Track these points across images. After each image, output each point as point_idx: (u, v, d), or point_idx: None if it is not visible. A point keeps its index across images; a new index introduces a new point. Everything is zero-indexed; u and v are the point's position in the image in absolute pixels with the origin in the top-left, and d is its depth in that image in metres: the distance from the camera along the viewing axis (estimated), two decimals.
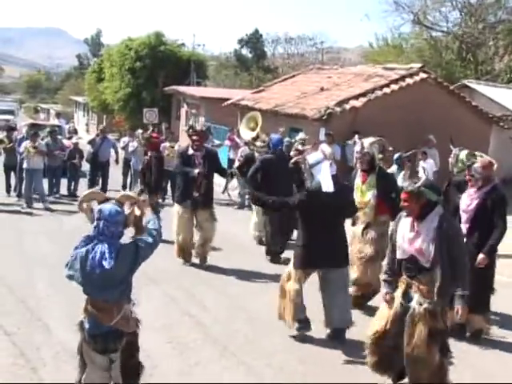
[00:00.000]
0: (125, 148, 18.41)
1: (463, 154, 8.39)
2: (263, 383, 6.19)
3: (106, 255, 4.70)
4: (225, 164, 19.23)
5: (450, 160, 8.66)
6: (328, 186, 7.01)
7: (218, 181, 19.46)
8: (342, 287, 7.32)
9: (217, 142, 18.49)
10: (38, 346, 6.78)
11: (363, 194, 8.30)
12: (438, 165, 15.66)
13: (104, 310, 4.84)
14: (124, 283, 4.92)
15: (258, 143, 12.78)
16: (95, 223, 4.88)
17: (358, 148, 8.47)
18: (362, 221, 8.38)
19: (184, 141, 19.23)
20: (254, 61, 57.29)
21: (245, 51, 60.57)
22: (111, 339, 4.90)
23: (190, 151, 10.33)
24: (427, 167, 13.73)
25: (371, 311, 7.50)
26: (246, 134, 13.78)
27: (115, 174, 18.25)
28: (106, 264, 4.67)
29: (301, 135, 14.72)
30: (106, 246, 4.76)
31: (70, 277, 5.01)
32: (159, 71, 37.20)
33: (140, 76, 37.45)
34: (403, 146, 14.61)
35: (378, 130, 15.96)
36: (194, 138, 10.30)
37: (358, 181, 8.41)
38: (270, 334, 7.43)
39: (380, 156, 8.70)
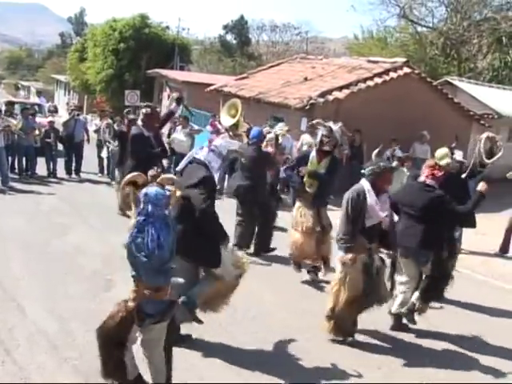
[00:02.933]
0: (98, 131, 18.14)
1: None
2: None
3: (161, 238, 4.82)
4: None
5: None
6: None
7: None
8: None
9: (196, 126, 18.40)
10: (11, 327, 6.71)
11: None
12: None
13: (159, 289, 4.98)
14: (172, 259, 5.02)
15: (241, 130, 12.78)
16: (142, 206, 4.92)
17: (325, 132, 9.01)
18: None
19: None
20: (239, 47, 57.15)
21: (229, 37, 60.42)
22: (168, 311, 5.09)
23: (146, 133, 10.20)
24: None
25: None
26: (227, 120, 13.71)
27: (89, 156, 18.11)
28: (164, 247, 4.82)
29: (280, 125, 14.78)
30: (158, 228, 4.85)
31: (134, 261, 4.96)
32: (143, 53, 36.99)
33: (123, 57, 37.24)
34: (384, 140, 14.64)
35: (359, 123, 16.10)
36: (144, 119, 10.20)
37: (313, 160, 9.05)
38: (244, 322, 7.47)
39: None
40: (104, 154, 17.63)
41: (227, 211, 12.96)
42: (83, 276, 8.63)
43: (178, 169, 6.70)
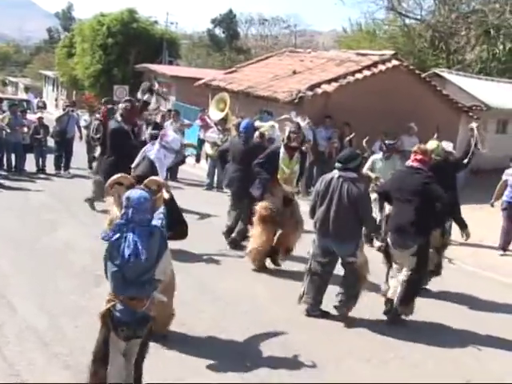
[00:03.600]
0: (88, 127, 18.10)
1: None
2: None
3: (139, 245, 4.62)
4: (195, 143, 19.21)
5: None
6: None
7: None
8: None
9: (186, 121, 18.39)
10: (1, 324, 6.70)
11: (290, 167, 9.26)
12: None
13: (136, 298, 4.78)
14: (153, 270, 4.82)
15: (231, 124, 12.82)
16: (123, 211, 4.79)
17: (293, 128, 9.33)
18: (287, 190, 9.30)
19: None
20: (227, 41, 57.05)
21: (218, 31, 60.29)
22: (142, 325, 4.83)
23: (125, 126, 10.19)
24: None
25: None
26: (215, 114, 13.73)
27: (79, 152, 18.08)
28: (141, 255, 4.61)
29: (270, 123, 14.71)
30: (137, 235, 4.67)
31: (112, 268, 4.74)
32: (131, 48, 36.87)
33: (111, 52, 37.12)
34: (372, 132, 14.63)
35: (348, 116, 16.09)
36: (124, 114, 10.15)
37: (284, 156, 9.23)
38: (236, 317, 7.47)
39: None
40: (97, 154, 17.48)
41: (216, 204, 13.01)
42: (73, 272, 8.62)
43: (133, 165, 6.81)
